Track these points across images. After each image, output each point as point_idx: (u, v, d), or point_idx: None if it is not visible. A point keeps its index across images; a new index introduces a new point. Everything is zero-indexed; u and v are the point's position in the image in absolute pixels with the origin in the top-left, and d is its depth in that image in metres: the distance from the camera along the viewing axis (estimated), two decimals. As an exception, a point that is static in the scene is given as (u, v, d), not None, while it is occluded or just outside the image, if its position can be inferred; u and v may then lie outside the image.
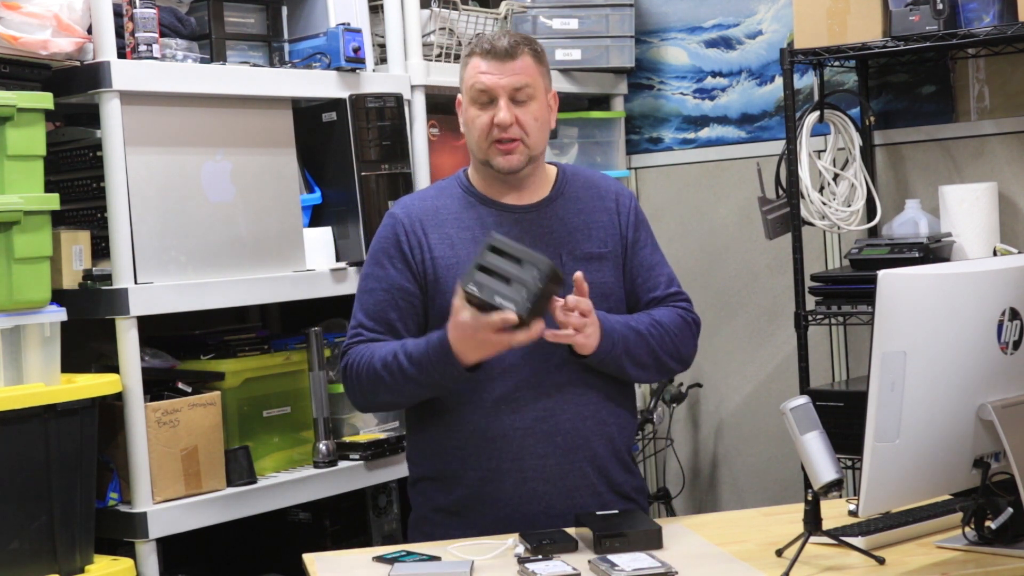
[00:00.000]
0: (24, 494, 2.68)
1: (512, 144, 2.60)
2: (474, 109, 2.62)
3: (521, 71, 2.60)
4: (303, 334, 3.39)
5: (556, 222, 2.66)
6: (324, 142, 3.46)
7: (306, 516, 3.46)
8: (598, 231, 2.68)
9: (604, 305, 2.62)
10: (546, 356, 2.57)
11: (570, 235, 2.66)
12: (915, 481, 2.18)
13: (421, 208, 2.68)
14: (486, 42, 2.62)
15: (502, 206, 2.66)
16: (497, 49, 2.59)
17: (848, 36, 3.58)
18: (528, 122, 2.60)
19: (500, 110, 2.58)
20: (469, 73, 2.63)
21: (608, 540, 2.31)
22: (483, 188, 2.68)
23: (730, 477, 4.36)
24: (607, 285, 2.65)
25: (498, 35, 2.64)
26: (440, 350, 2.48)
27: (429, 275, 2.62)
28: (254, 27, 3.38)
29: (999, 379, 2.20)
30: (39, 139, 2.78)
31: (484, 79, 2.60)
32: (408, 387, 2.55)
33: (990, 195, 3.60)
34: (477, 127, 2.62)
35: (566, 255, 2.63)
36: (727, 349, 4.33)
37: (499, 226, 2.62)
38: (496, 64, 2.59)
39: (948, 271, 2.26)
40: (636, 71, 4.41)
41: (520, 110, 2.59)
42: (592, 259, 2.65)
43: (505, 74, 2.59)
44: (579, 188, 2.72)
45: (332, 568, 2.38)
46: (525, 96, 2.60)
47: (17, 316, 2.73)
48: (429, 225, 2.64)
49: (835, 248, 4.07)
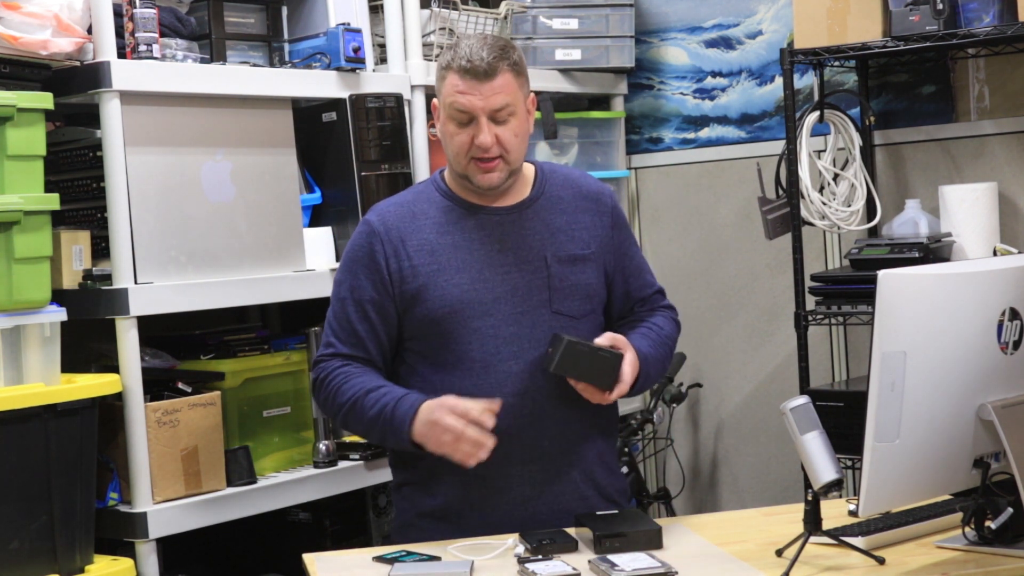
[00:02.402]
0: (24, 494, 2.68)
1: (492, 163, 2.54)
2: (452, 125, 2.54)
3: (501, 90, 2.51)
4: (303, 334, 3.39)
5: (539, 223, 2.62)
6: (324, 142, 3.46)
7: (306, 516, 3.46)
8: (581, 232, 2.65)
9: (587, 306, 2.62)
10: (533, 360, 2.55)
11: (553, 236, 2.62)
12: (915, 481, 2.18)
13: (397, 215, 2.61)
14: (463, 58, 2.50)
15: (482, 209, 2.61)
16: (476, 68, 2.49)
17: (848, 36, 3.58)
18: (508, 139, 2.53)
19: (481, 132, 2.51)
20: (447, 90, 2.53)
21: (608, 540, 2.31)
22: (461, 192, 2.63)
23: (730, 477, 4.36)
24: (591, 287, 2.64)
25: (475, 47, 2.51)
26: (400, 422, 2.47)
27: (408, 283, 2.56)
28: (254, 27, 3.37)
29: (999, 379, 2.20)
30: (39, 139, 2.78)
31: (462, 100, 2.50)
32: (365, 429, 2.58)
33: (990, 195, 3.60)
34: (455, 144, 2.55)
35: (551, 257, 2.60)
36: (727, 349, 4.33)
37: (481, 230, 2.59)
38: (474, 84, 2.50)
39: (948, 271, 2.26)
40: (636, 71, 4.40)
41: (500, 129, 2.52)
42: (576, 261, 2.62)
43: (484, 95, 2.50)
44: (559, 188, 2.68)
45: (332, 568, 2.38)
46: (505, 115, 2.52)
47: (17, 316, 2.73)
48: (407, 232, 2.59)
49: (835, 248, 4.07)
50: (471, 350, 2.54)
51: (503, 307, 2.56)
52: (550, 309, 2.58)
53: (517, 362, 2.55)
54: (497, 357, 2.54)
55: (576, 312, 2.61)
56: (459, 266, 2.56)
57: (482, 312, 2.55)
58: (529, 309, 2.57)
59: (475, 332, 2.54)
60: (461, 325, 2.54)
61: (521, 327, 2.56)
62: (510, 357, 2.55)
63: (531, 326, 2.57)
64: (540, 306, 2.58)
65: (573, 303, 2.60)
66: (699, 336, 4.35)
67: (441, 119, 2.59)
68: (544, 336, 2.55)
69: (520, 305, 2.57)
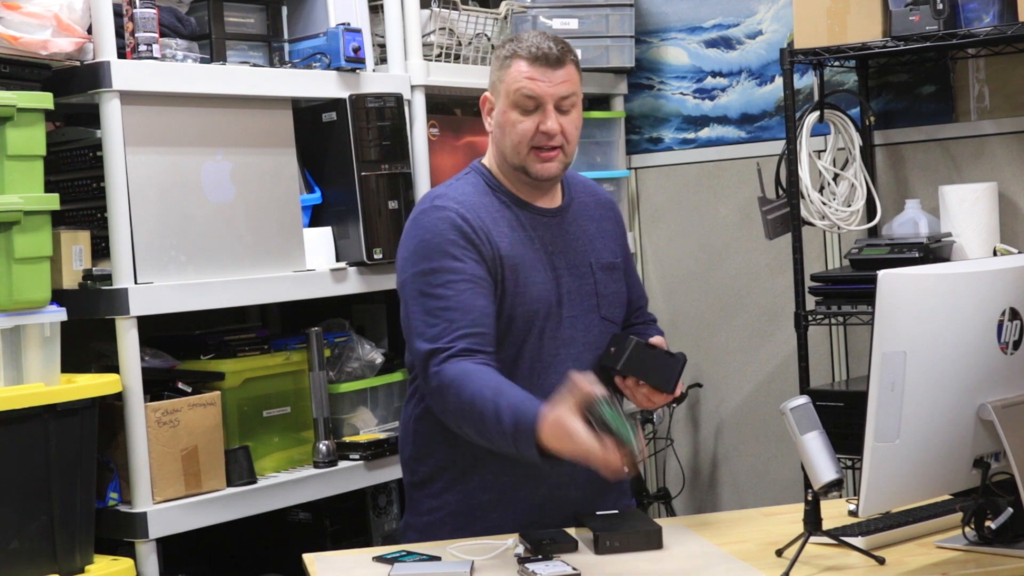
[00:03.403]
0: (24, 494, 2.68)
1: (553, 152, 2.53)
2: (515, 113, 2.52)
3: (567, 79, 2.52)
4: (303, 334, 3.39)
5: (578, 229, 2.63)
6: (324, 142, 3.46)
7: (306, 516, 3.46)
8: (610, 240, 2.67)
9: (623, 313, 2.66)
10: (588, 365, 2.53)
11: (591, 243, 2.63)
12: (915, 481, 2.18)
13: (471, 204, 2.53)
14: (533, 46, 2.51)
15: (534, 208, 2.59)
16: (547, 55, 2.50)
17: (848, 36, 3.58)
18: (571, 131, 2.54)
19: (548, 118, 2.50)
20: (512, 76, 2.52)
21: (608, 540, 2.31)
22: (513, 187, 2.59)
23: (730, 477, 4.36)
24: (622, 294, 2.66)
25: (541, 38, 2.53)
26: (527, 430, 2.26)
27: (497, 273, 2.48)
28: (254, 27, 3.37)
29: (999, 379, 2.20)
30: (39, 139, 2.78)
31: (532, 86, 2.50)
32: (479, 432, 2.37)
33: (990, 195, 3.60)
34: (518, 132, 2.52)
35: (594, 263, 2.61)
36: (727, 349, 4.32)
37: (534, 229, 2.57)
38: (544, 71, 2.50)
39: (948, 271, 2.26)
40: (636, 71, 4.41)
41: (564, 118, 2.52)
42: (612, 269, 2.65)
43: (554, 82, 2.50)
44: (582, 194, 2.69)
45: (332, 568, 2.38)
46: (569, 105, 2.53)
47: (17, 316, 2.73)
48: (487, 220, 2.52)
49: (835, 248, 4.07)
50: (540, 350, 2.53)
51: (563, 310, 2.56)
52: (599, 315, 2.59)
53: (575, 364, 2.52)
54: (557, 359, 2.54)
55: (617, 319, 2.64)
56: (533, 264, 2.53)
57: (547, 313, 2.54)
58: (582, 313, 2.58)
59: (540, 333, 2.53)
60: (533, 324, 2.52)
61: (576, 330, 2.56)
62: (568, 359, 2.54)
63: (584, 330, 2.57)
64: (590, 311, 2.59)
65: (615, 310, 2.63)
66: (699, 336, 4.35)
67: (500, 108, 2.55)
68: (595, 341, 2.57)
69: (575, 309, 2.57)
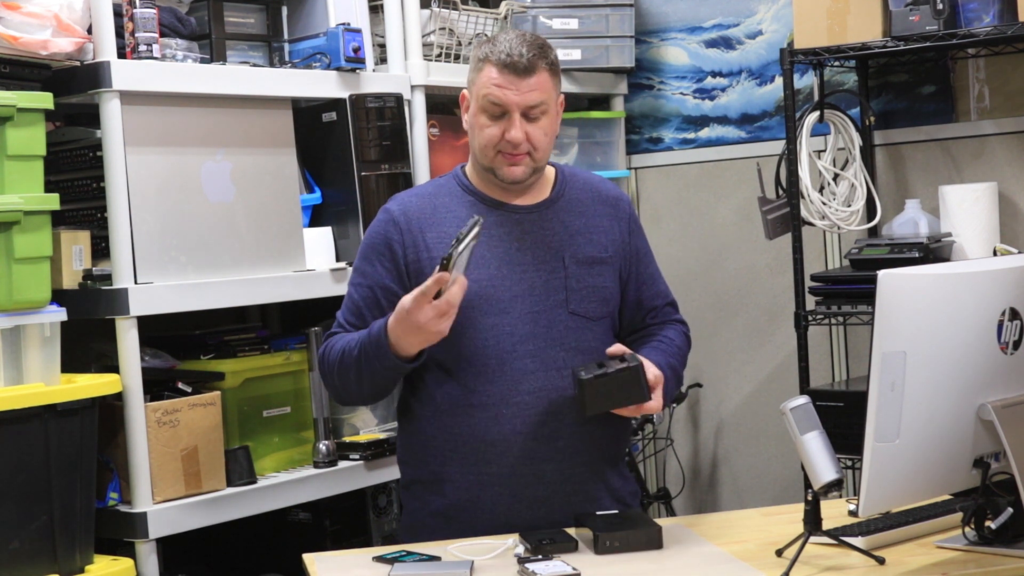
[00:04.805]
0: (24, 494, 2.68)
1: (519, 157, 2.54)
2: (483, 118, 2.54)
3: (537, 87, 2.51)
4: (303, 334, 3.39)
5: (558, 224, 2.63)
6: (324, 142, 3.46)
7: (306, 516, 3.46)
8: (599, 235, 2.66)
9: (604, 309, 2.63)
10: (549, 359, 2.55)
11: (571, 238, 2.63)
12: (915, 481, 2.18)
13: (419, 206, 2.62)
14: (503, 52, 2.50)
15: (503, 206, 2.62)
16: (515, 63, 2.49)
17: (848, 36, 3.58)
18: (538, 137, 2.54)
19: (512, 127, 2.51)
20: (482, 81, 2.53)
21: (608, 540, 2.31)
22: (484, 187, 2.63)
23: (730, 477, 4.36)
24: (607, 290, 2.64)
25: (515, 42, 2.51)
26: (377, 337, 2.45)
27: (424, 275, 2.50)
28: (254, 27, 3.38)
29: (999, 379, 2.20)
30: (39, 139, 2.78)
31: (498, 93, 2.50)
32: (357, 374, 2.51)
33: (990, 195, 3.60)
34: (485, 136, 2.54)
35: (568, 258, 2.60)
36: (727, 349, 4.33)
37: (500, 227, 2.59)
38: (512, 79, 2.50)
39: (948, 271, 2.26)
40: (636, 71, 4.41)
41: (531, 126, 2.52)
42: (594, 263, 2.63)
43: (521, 91, 2.50)
44: (578, 190, 2.69)
45: (332, 568, 2.38)
46: (538, 113, 2.53)
47: (17, 316, 2.73)
48: (427, 224, 2.59)
49: (835, 248, 4.07)
50: (487, 347, 2.53)
51: (520, 305, 2.56)
52: (567, 309, 2.58)
53: (533, 360, 2.54)
54: (513, 355, 2.53)
55: (593, 314, 2.61)
56: (477, 261, 2.53)
57: (499, 309, 2.55)
58: (546, 309, 2.57)
59: (491, 329, 2.54)
60: (477, 321, 2.53)
61: (537, 326, 2.56)
62: (526, 355, 2.54)
63: (547, 325, 2.56)
64: (557, 306, 2.58)
65: (590, 305, 2.60)
66: (699, 336, 4.32)
67: (471, 110, 2.58)
68: (561, 336, 2.56)
69: (537, 304, 2.57)
